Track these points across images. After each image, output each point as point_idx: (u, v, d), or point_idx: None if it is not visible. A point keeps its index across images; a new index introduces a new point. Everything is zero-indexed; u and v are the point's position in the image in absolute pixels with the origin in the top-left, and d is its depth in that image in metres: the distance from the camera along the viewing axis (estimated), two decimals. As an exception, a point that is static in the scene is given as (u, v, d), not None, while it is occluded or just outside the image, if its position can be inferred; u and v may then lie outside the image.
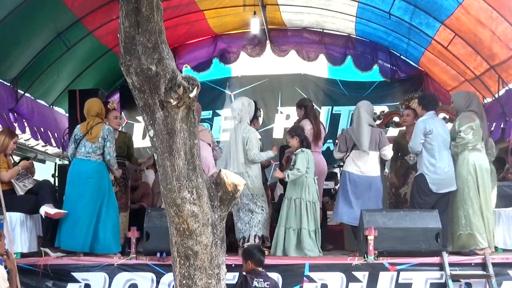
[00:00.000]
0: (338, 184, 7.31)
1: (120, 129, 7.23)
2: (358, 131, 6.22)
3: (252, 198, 6.04)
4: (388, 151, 6.35)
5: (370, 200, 6.15)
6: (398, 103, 8.43)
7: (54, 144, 8.79)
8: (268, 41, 10.05)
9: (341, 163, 7.34)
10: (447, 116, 8.03)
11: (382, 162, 6.68)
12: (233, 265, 5.16)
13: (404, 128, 7.39)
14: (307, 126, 6.66)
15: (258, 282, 4.63)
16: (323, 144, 7.56)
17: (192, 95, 3.72)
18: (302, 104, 6.99)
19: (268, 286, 4.64)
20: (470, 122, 5.90)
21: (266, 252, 5.86)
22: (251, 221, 5.99)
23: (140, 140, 9.88)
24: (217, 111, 10.33)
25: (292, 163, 6.06)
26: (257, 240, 5.93)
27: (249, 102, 6.30)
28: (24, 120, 7.64)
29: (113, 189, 6.12)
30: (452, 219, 5.92)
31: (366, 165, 6.20)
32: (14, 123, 7.40)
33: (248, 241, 5.91)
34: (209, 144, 6.36)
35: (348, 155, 6.29)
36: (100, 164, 5.84)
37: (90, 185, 5.75)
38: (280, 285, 5.35)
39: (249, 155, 6.04)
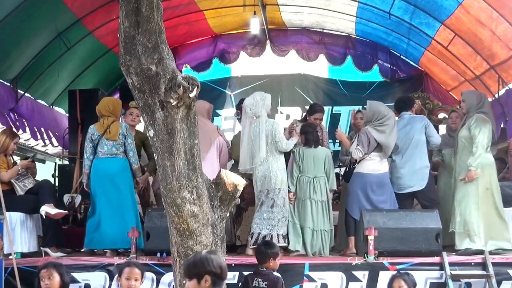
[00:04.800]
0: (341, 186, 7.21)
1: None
2: (391, 139, 6.10)
3: (279, 193, 5.84)
4: None
5: (389, 195, 6.10)
6: (398, 103, 8.42)
7: (56, 144, 8.79)
8: (268, 41, 10.05)
9: (340, 164, 7.30)
10: (447, 116, 8.02)
11: None
12: (233, 265, 5.16)
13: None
14: None
15: (258, 282, 4.63)
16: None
17: (192, 95, 3.73)
18: None
19: (266, 286, 4.62)
20: (487, 125, 5.80)
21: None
22: (270, 219, 5.78)
23: (140, 140, 9.88)
24: (217, 111, 10.31)
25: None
26: (280, 239, 5.74)
27: (261, 96, 6.19)
28: (24, 120, 7.64)
29: None
30: (450, 217, 5.91)
31: (383, 165, 6.16)
32: (15, 123, 7.40)
33: (265, 239, 5.72)
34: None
35: (365, 157, 6.08)
36: (126, 161, 5.88)
37: (120, 181, 5.77)
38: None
39: (281, 146, 5.94)
